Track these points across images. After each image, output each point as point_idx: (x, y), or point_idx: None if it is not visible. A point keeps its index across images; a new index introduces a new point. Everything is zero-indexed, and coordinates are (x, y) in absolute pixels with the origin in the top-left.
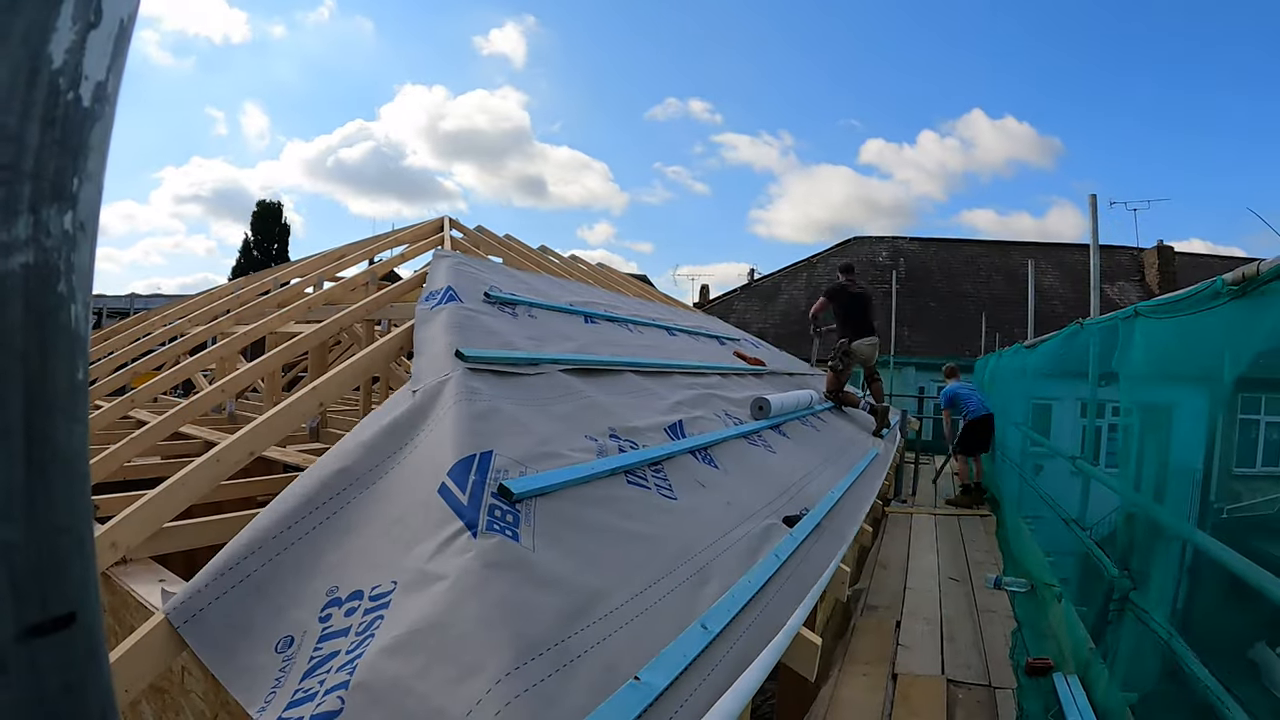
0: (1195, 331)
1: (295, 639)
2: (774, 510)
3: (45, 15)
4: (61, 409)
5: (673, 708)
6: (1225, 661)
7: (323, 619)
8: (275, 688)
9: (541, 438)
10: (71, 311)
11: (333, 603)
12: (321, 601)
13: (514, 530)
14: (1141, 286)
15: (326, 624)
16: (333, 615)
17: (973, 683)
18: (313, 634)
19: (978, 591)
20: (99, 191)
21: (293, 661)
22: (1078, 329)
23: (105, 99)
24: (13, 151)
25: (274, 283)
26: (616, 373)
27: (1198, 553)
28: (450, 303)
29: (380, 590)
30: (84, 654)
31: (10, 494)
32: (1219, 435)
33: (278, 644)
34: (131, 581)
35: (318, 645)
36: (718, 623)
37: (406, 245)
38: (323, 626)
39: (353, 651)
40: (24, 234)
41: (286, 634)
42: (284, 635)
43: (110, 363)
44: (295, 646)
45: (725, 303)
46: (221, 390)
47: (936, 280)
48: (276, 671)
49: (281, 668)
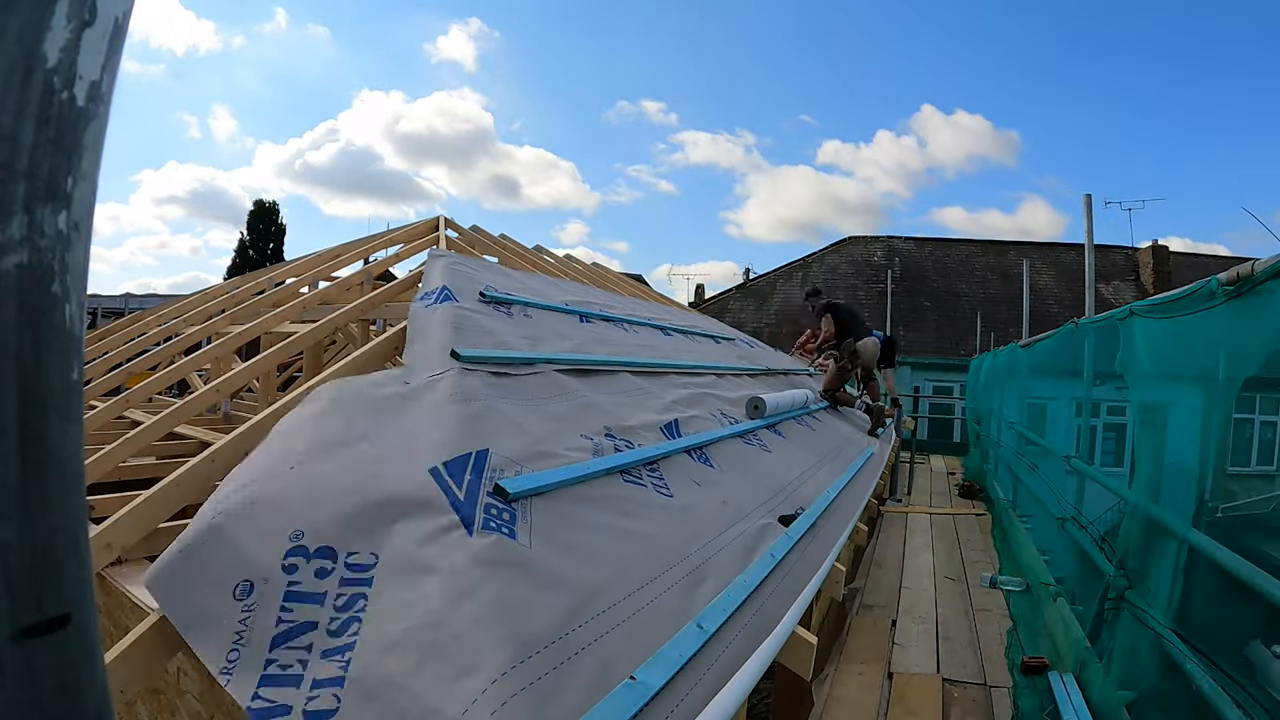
0: (1190, 331)
1: (254, 585)
2: (769, 509)
3: (40, 14)
4: (56, 409)
5: (669, 707)
6: (1221, 660)
7: (287, 569)
8: (238, 644)
9: (537, 437)
10: (66, 311)
11: (298, 550)
12: (284, 547)
13: (510, 529)
14: (1136, 286)
15: (292, 576)
16: (299, 568)
17: (968, 681)
18: (275, 584)
19: (973, 590)
20: (93, 191)
21: (254, 614)
22: (1073, 328)
23: (99, 99)
24: (7, 150)
25: (269, 282)
26: (612, 372)
27: (1193, 551)
28: (446, 302)
29: (358, 560)
30: (79, 655)
31: (5, 494)
32: (1214, 434)
33: (235, 589)
34: (127, 582)
35: (285, 604)
36: (713, 622)
37: (401, 245)
38: (288, 578)
39: (337, 634)
40: (18, 234)
41: (245, 579)
42: (243, 580)
43: (105, 363)
44: (256, 595)
45: (720, 302)
46: (216, 390)
47: (932, 280)
48: (237, 624)
49: (243, 620)
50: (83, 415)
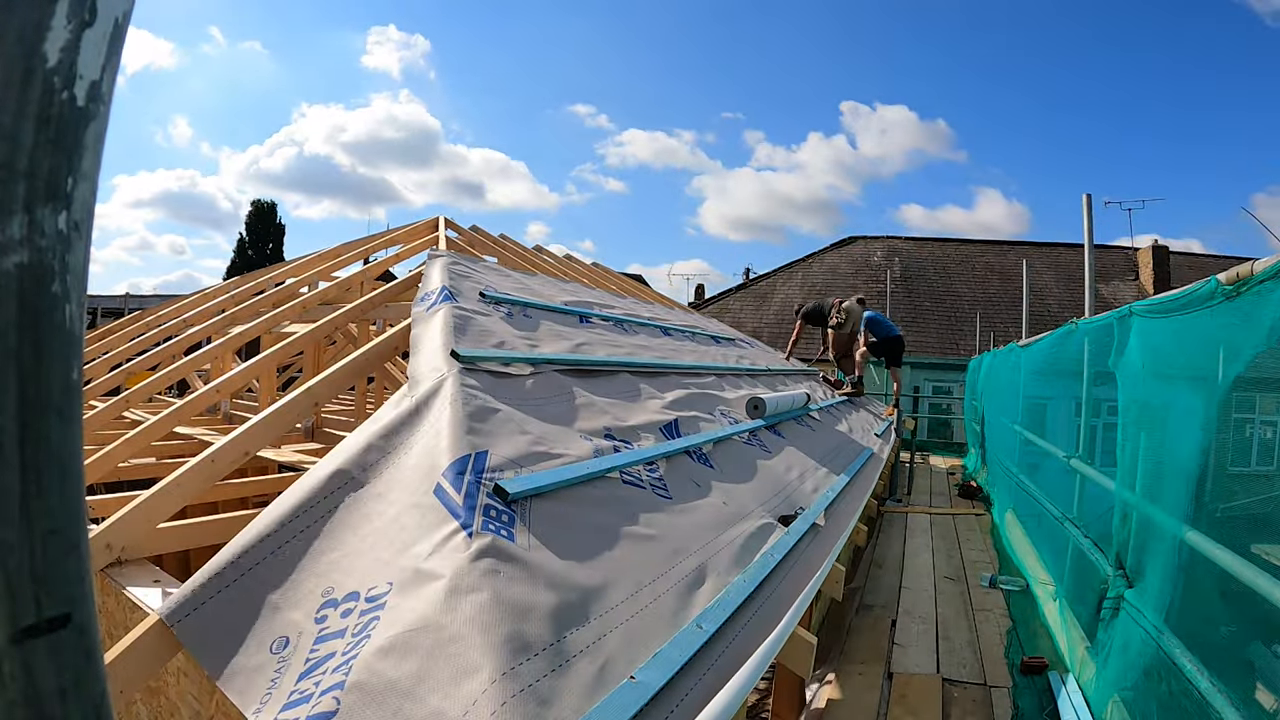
0: (1190, 331)
1: (290, 640)
2: (769, 510)
3: (40, 14)
4: (56, 409)
5: (668, 707)
6: (1220, 660)
7: (319, 620)
8: (271, 689)
9: (537, 437)
10: (66, 311)
11: (328, 604)
12: (317, 603)
13: (509, 530)
14: (1136, 286)
15: (322, 625)
16: (328, 617)
17: (968, 681)
18: (309, 635)
19: (973, 590)
20: (93, 192)
21: (288, 663)
22: (1072, 328)
23: (99, 99)
24: (7, 150)
25: (269, 282)
26: (612, 372)
27: (1192, 551)
28: (446, 303)
29: (376, 592)
30: (79, 655)
31: (4, 495)
32: (1213, 434)
33: (273, 645)
34: (127, 582)
35: (314, 647)
36: (713, 622)
37: (401, 245)
38: (319, 628)
39: (349, 653)
40: (18, 234)
41: (282, 635)
42: (279, 636)
43: (105, 363)
44: (291, 648)
45: (720, 303)
46: (216, 390)
47: (932, 279)
48: (272, 672)
49: (277, 668)
50: (82, 415)
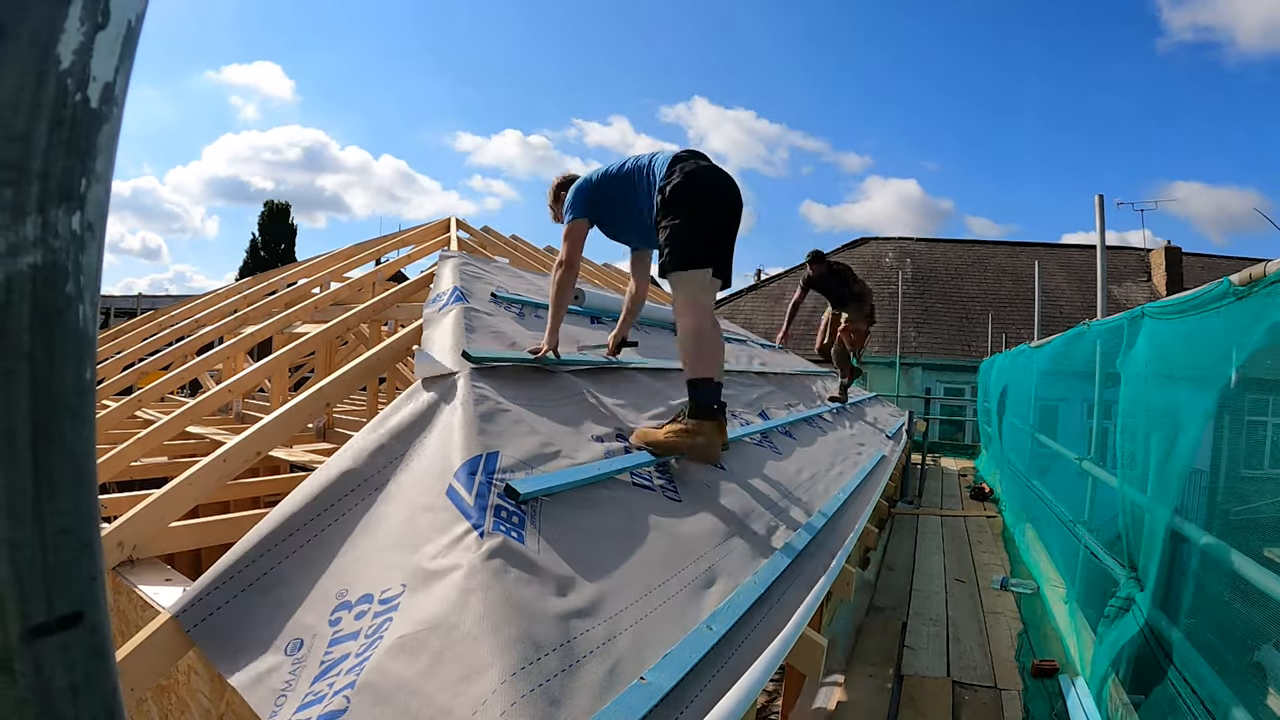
0: (1203, 332)
1: (305, 642)
2: (779, 511)
3: (53, 16)
4: (68, 409)
5: (679, 708)
6: (1232, 664)
7: (333, 622)
8: (286, 691)
9: (547, 438)
10: (79, 312)
11: (342, 606)
12: (332, 605)
13: (519, 531)
14: (1148, 287)
15: (336, 627)
16: (343, 619)
17: (979, 684)
18: (323, 637)
19: (984, 593)
20: (107, 193)
21: (303, 665)
22: (1084, 330)
23: (113, 101)
24: (20, 152)
25: (282, 283)
26: (623, 373)
27: (1204, 554)
28: (457, 303)
29: (390, 594)
30: (91, 653)
31: (18, 494)
32: (1226, 436)
33: (287, 647)
34: (139, 581)
35: (328, 649)
36: (723, 623)
37: (413, 246)
38: (333, 630)
39: (362, 654)
40: (32, 235)
41: (296, 637)
42: (294, 638)
43: (117, 362)
44: (305, 649)
45: (731, 304)
46: (228, 390)
47: (944, 281)
48: (287, 674)
49: (292, 670)
50: (95, 415)
